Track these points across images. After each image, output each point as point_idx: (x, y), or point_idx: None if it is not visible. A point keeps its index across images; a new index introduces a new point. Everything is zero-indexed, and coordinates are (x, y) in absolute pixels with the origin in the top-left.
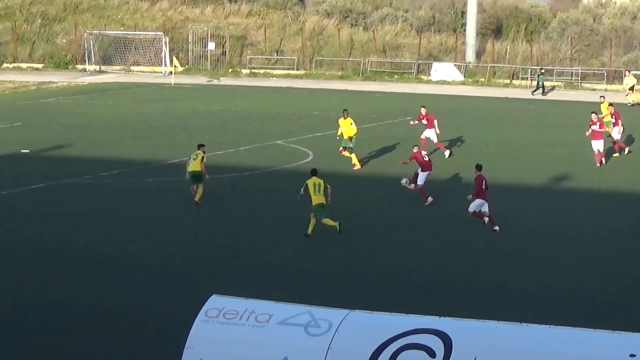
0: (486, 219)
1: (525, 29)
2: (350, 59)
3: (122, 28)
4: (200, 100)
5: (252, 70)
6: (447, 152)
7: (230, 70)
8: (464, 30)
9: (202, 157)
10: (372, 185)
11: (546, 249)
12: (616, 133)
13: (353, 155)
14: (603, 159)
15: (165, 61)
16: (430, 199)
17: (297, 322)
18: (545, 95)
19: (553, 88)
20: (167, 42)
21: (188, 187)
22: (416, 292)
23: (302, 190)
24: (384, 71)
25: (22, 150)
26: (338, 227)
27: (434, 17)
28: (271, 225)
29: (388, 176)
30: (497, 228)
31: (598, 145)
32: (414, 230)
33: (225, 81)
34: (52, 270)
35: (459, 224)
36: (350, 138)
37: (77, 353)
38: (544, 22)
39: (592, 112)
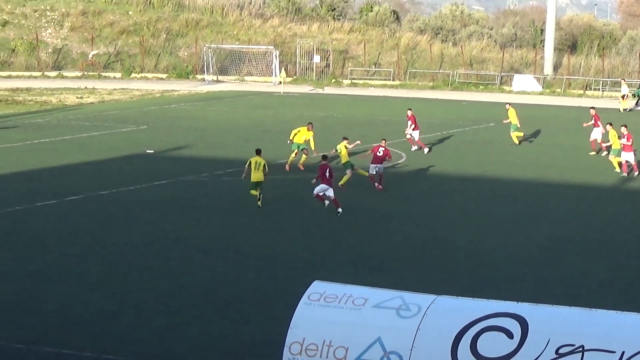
0: (327, 202)
1: (598, 45)
2: (440, 71)
3: (237, 42)
4: (306, 107)
5: (352, 80)
6: (426, 149)
7: (333, 80)
8: (543, 46)
9: (346, 147)
10: (458, 185)
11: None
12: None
13: (293, 155)
14: (634, 170)
15: (275, 72)
16: (378, 185)
17: (389, 306)
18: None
19: None
20: (277, 55)
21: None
22: (500, 279)
23: (246, 166)
24: (471, 82)
25: (147, 151)
26: (259, 197)
27: (515, 34)
28: (366, 219)
29: (472, 176)
30: (340, 210)
31: (627, 157)
32: (498, 224)
33: (328, 90)
34: (174, 257)
35: (543, 219)
36: (306, 142)
37: (193, 332)
38: (615, 39)
39: (622, 125)
